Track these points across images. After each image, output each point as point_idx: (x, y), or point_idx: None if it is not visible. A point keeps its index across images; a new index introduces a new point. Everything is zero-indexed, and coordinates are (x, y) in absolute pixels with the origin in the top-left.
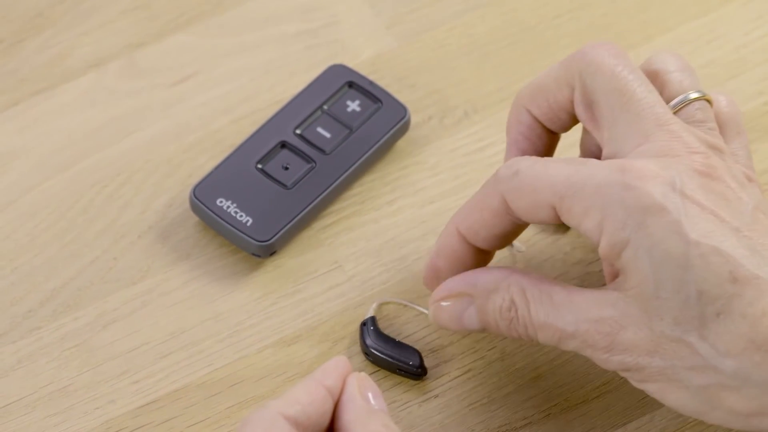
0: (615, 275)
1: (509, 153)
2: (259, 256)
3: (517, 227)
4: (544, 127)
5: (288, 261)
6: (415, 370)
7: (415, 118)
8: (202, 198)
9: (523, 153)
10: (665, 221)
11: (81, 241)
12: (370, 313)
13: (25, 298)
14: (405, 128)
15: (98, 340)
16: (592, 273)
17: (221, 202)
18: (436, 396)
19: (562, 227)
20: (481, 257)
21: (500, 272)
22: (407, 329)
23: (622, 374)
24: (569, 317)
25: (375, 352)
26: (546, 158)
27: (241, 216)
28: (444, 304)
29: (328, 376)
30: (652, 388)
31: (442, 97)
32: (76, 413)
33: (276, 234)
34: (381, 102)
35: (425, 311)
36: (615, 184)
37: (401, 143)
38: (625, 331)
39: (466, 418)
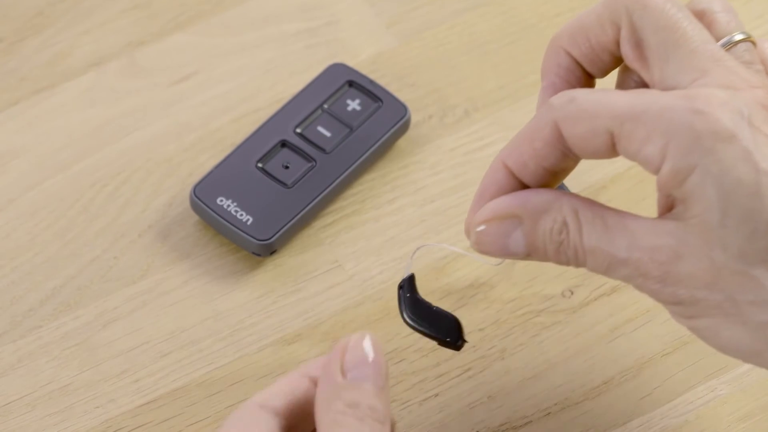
0: (670, 207)
1: (544, 96)
2: (259, 255)
3: (566, 163)
4: (583, 69)
5: (288, 260)
6: (453, 345)
7: (415, 117)
8: (202, 197)
9: None
10: (736, 148)
11: (81, 240)
12: (408, 270)
13: (25, 296)
14: (405, 127)
15: (98, 339)
16: (592, 273)
17: (221, 201)
18: (436, 395)
19: None
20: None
21: (551, 193)
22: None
23: (671, 308)
24: (622, 243)
25: (411, 324)
26: (601, 89)
27: (241, 215)
28: (485, 228)
29: (312, 366)
30: (702, 324)
31: (442, 96)
32: (76, 412)
33: (276, 233)
34: (381, 101)
35: (467, 254)
36: (682, 108)
37: (401, 142)
38: (682, 261)
39: (466, 417)
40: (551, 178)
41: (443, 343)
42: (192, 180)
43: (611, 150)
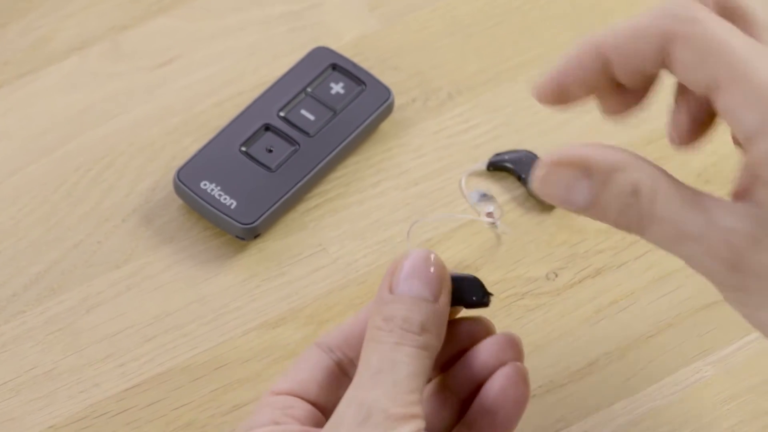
0: (748, 189)
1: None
2: (243, 238)
3: (650, 76)
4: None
5: (272, 244)
6: (481, 303)
7: (398, 100)
8: (185, 181)
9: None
10: None
11: (65, 225)
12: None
13: (9, 282)
14: (389, 110)
15: (83, 324)
16: (577, 255)
17: (205, 185)
18: None
19: (546, 208)
20: (609, 89)
21: (628, 153)
22: None
23: (728, 294)
24: (698, 219)
25: None
26: (723, 20)
27: (225, 199)
28: (550, 171)
29: None
30: (763, 317)
31: (425, 79)
32: (60, 397)
33: (260, 217)
34: (365, 84)
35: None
36: None
37: (385, 125)
38: (758, 247)
39: None
40: (645, 83)
41: (471, 304)
42: (175, 164)
43: (708, 89)
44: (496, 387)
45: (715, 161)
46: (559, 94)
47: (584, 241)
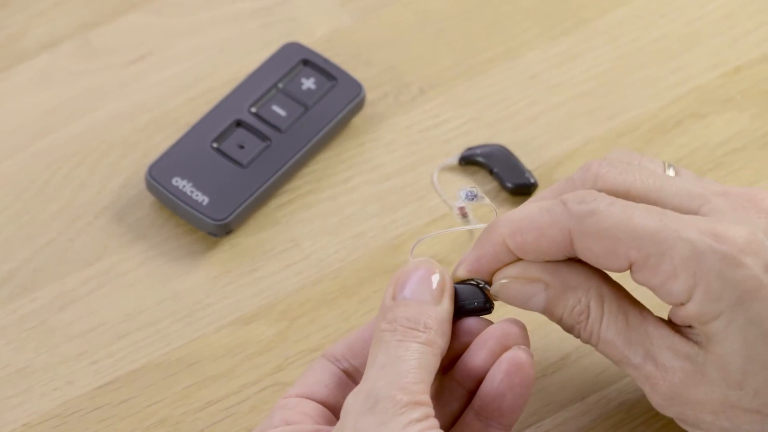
0: (685, 325)
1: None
2: (215, 235)
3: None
4: None
5: (245, 240)
6: (484, 309)
7: (370, 95)
8: (157, 177)
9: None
10: (762, 300)
11: (37, 223)
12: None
13: None
14: (360, 105)
15: (55, 322)
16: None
17: (177, 181)
18: None
19: (518, 202)
20: None
21: (582, 270)
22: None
23: (670, 414)
24: (639, 350)
25: None
26: (621, 201)
27: (196, 195)
28: (510, 282)
29: None
30: None
31: (397, 74)
32: (34, 394)
33: (232, 213)
34: (336, 79)
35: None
36: (711, 252)
37: (357, 120)
38: (695, 388)
39: None
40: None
41: (473, 310)
42: (147, 161)
43: (623, 270)
44: (501, 371)
45: (686, 154)
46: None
47: None
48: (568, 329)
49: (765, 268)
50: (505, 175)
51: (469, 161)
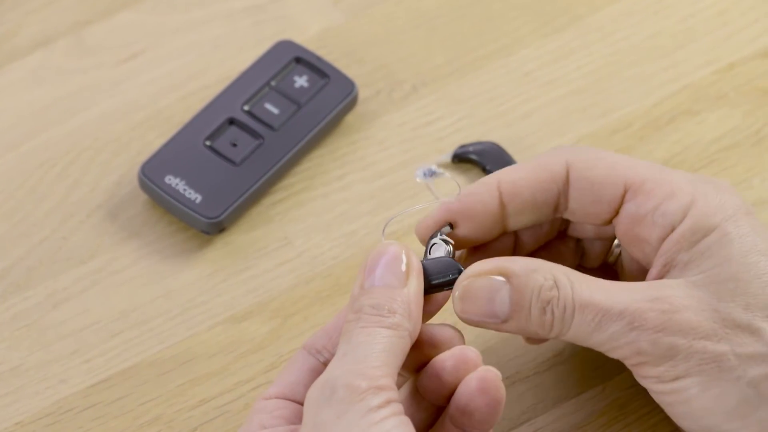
0: (662, 275)
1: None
2: (208, 233)
3: (551, 219)
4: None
5: (238, 237)
6: (453, 280)
7: (363, 93)
8: (150, 176)
9: None
10: (755, 221)
11: (30, 221)
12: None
13: None
14: (353, 103)
15: (49, 320)
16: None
17: (170, 179)
18: None
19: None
20: (497, 236)
21: (542, 260)
22: None
23: (655, 370)
24: (620, 296)
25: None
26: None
27: (189, 193)
28: (470, 283)
29: None
30: (687, 384)
31: (390, 72)
32: (27, 393)
33: (225, 211)
34: (329, 77)
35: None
36: (706, 182)
37: (350, 118)
38: (685, 310)
39: None
40: (536, 215)
41: (443, 284)
42: (140, 159)
43: (612, 207)
44: (470, 390)
45: (679, 151)
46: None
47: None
48: (539, 315)
49: (745, 208)
50: None
51: (462, 159)
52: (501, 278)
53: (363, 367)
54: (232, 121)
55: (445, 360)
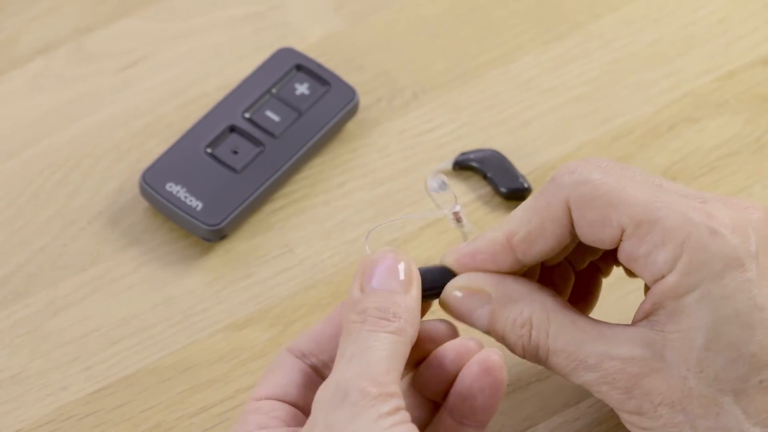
0: (649, 313)
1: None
2: (209, 240)
3: (569, 243)
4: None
5: (238, 245)
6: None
7: (364, 100)
8: (151, 183)
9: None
10: (741, 277)
11: (30, 228)
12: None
13: None
14: (354, 110)
15: (49, 327)
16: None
17: (171, 186)
18: None
19: (512, 207)
20: (518, 269)
21: (527, 284)
22: None
23: (626, 417)
24: (595, 348)
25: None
26: (616, 173)
27: (190, 200)
28: (459, 294)
29: None
30: None
31: (390, 79)
32: (27, 400)
33: (226, 218)
34: (329, 84)
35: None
36: (702, 225)
37: (350, 125)
38: (654, 375)
39: None
40: (550, 256)
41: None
42: (141, 166)
43: (614, 242)
44: (472, 373)
45: (680, 158)
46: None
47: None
48: (513, 346)
49: (748, 252)
50: (498, 179)
51: (462, 166)
52: (483, 297)
53: (373, 373)
54: (232, 129)
55: (446, 351)
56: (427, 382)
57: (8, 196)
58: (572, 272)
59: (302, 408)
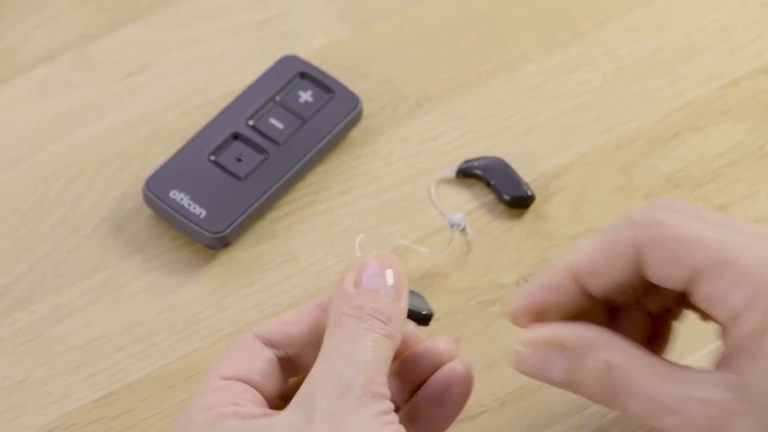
0: (729, 358)
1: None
2: (213, 247)
3: (637, 280)
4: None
5: (242, 252)
6: (427, 317)
7: (367, 108)
8: (155, 190)
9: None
10: None
11: (34, 235)
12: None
13: None
14: (358, 118)
15: (53, 334)
16: (547, 261)
17: (174, 194)
18: None
19: (516, 214)
20: (587, 306)
21: (599, 330)
22: None
23: None
24: (675, 392)
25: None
26: (688, 213)
27: (194, 208)
28: (527, 350)
29: (327, 297)
30: None
31: (394, 87)
32: (31, 408)
33: (230, 225)
34: (333, 92)
35: (422, 249)
36: None
37: (354, 133)
38: (736, 418)
39: None
40: (619, 292)
41: (419, 318)
42: (145, 173)
43: (687, 284)
44: (443, 378)
45: (684, 166)
46: (536, 318)
47: (554, 247)
48: (594, 394)
49: None
50: (502, 187)
51: (466, 174)
52: (556, 349)
53: (371, 371)
54: (236, 136)
55: (416, 355)
56: (392, 387)
57: (12, 204)
58: (646, 317)
59: (266, 395)
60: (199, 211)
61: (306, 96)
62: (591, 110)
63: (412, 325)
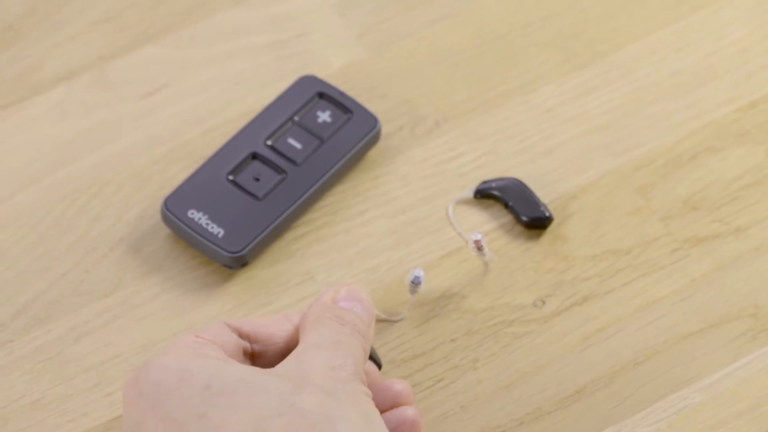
0: None
1: None
2: (230, 267)
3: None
4: None
5: (259, 272)
6: (377, 362)
7: (386, 128)
8: (173, 210)
9: None
10: None
11: (52, 254)
12: None
13: None
14: (376, 138)
15: (70, 353)
16: (564, 282)
17: (192, 213)
18: None
19: (533, 235)
20: None
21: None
22: (381, 339)
23: None
24: None
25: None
26: None
27: (212, 227)
28: None
29: (296, 315)
30: None
31: (412, 107)
32: (48, 426)
33: (247, 245)
34: (352, 112)
35: (394, 319)
36: None
37: (372, 153)
38: None
39: (438, 428)
40: None
41: (375, 362)
42: (163, 193)
43: None
44: (394, 419)
45: (701, 188)
46: None
47: (571, 268)
48: None
49: None
50: (520, 208)
51: (484, 195)
52: None
53: (359, 364)
54: (255, 156)
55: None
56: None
57: (30, 223)
58: None
59: None
60: (217, 230)
61: (324, 116)
62: (609, 132)
63: (371, 364)
